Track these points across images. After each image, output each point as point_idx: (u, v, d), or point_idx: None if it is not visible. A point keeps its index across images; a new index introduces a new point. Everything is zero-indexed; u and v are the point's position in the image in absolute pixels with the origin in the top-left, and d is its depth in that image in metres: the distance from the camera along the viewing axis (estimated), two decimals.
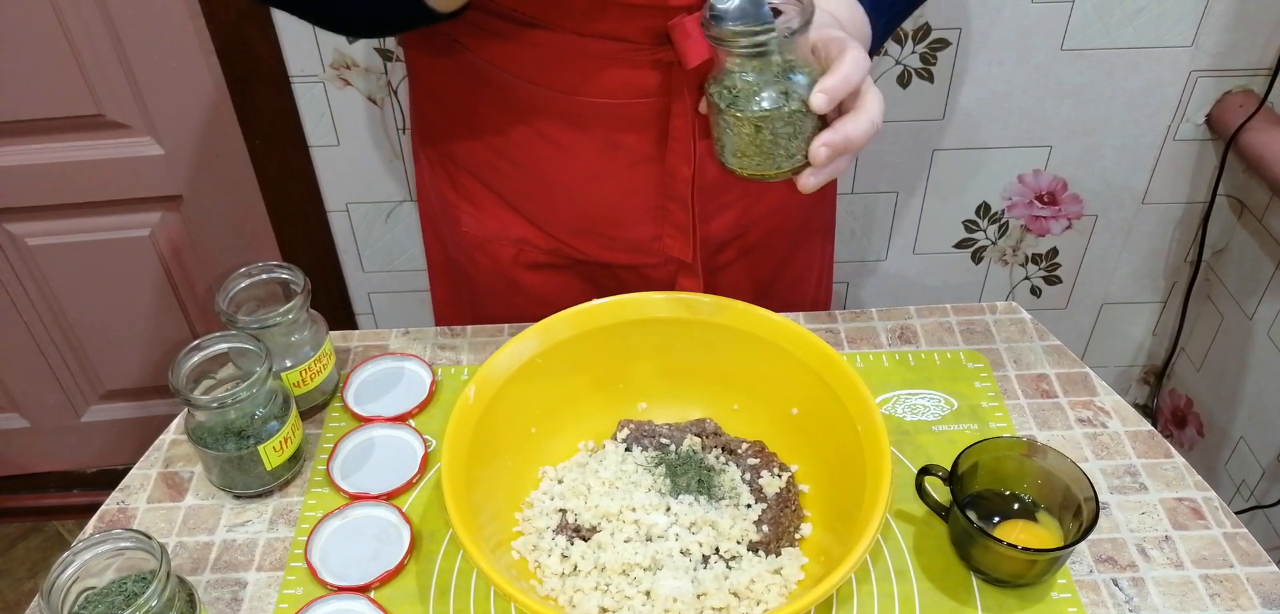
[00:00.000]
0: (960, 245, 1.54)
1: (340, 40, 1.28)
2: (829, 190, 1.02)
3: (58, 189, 1.46)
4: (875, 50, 0.78)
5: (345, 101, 1.34)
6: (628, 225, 0.86)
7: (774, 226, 0.93)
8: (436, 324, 1.02)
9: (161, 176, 1.46)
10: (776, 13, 0.64)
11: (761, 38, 0.62)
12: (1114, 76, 1.33)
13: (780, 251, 0.96)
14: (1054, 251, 1.55)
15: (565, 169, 0.83)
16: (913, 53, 1.31)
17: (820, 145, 0.64)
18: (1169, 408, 1.69)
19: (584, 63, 0.75)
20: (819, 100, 0.63)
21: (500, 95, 0.81)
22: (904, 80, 1.34)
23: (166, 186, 1.48)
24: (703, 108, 0.73)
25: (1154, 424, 1.70)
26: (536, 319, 0.76)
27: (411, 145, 0.98)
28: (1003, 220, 1.51)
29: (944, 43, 1.30)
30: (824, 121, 0.66)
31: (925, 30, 1.29)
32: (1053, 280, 1.59)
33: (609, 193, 0.84)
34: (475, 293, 0.96)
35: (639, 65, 0.75)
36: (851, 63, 0.63)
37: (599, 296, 0.77)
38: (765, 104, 0.64)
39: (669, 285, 0.88)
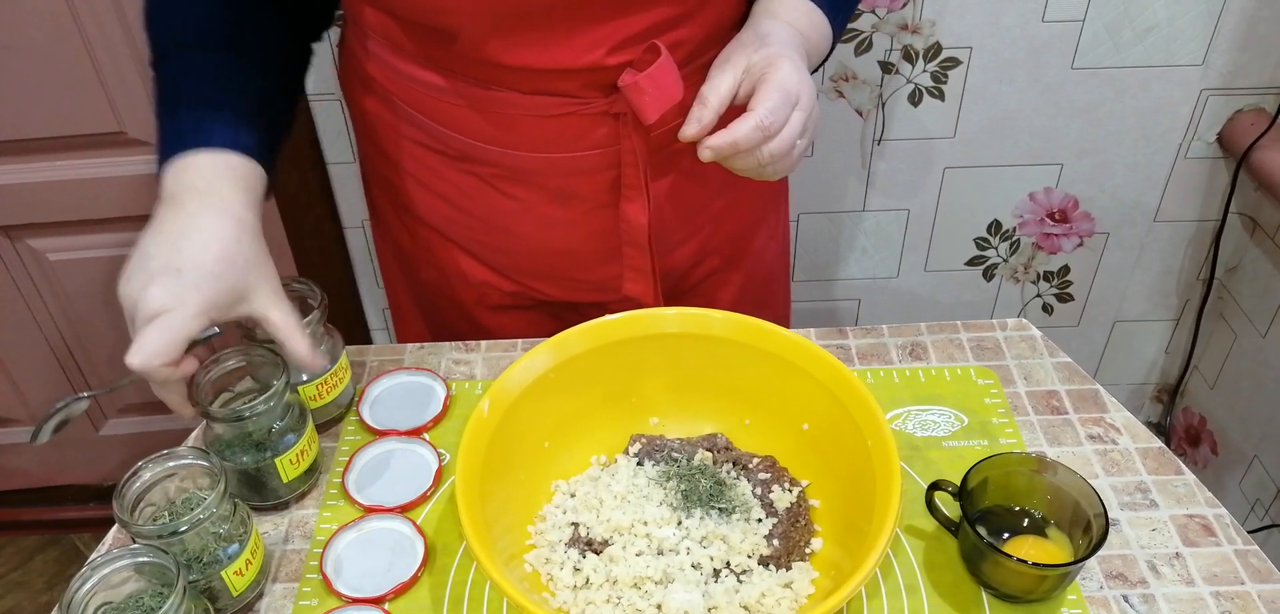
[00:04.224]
0: (972, 263, 1.55)
1: None
2: (781, 211, 1.04)
3: (79, 205, 1.48)
4: (833, 47, 0.81)
5: None
6: (587, 268, 0.87)
7: (732, 254, 0.94)
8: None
9: None
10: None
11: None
12: (1125, 95, 1.34)
13: (741, 276, 0.97)
14: (1066, 269, 1.55)
15: (521, 219, 0.84)
16: (924, 71, 1.32)
17: (706, 146, 0.70)
18: (1182, 426, 1.68)
19: (531, 120, 0.77)
20: (691, 131, 0.70)
21: (450, 149, 0.81)
22: (915, 99, 1.34)
23: None
24: None
25: (1167, 442, 1.70)
26: None
27: (366, 198, 0.99)
28: (1014, 238, 1.51)
29: (955, 61, 1.31)
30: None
31: (936, 49, 1.30)
32: (1065, 298, 1.59)
33: (566, 239, 0.85)
34: (441, 337, 0.97)
35: (587, 118, 0.76)
36: (744, 125, 0.69)
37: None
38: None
39: None
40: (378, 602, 0.69)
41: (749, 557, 0.69)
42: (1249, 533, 0.75)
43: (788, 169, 0.73)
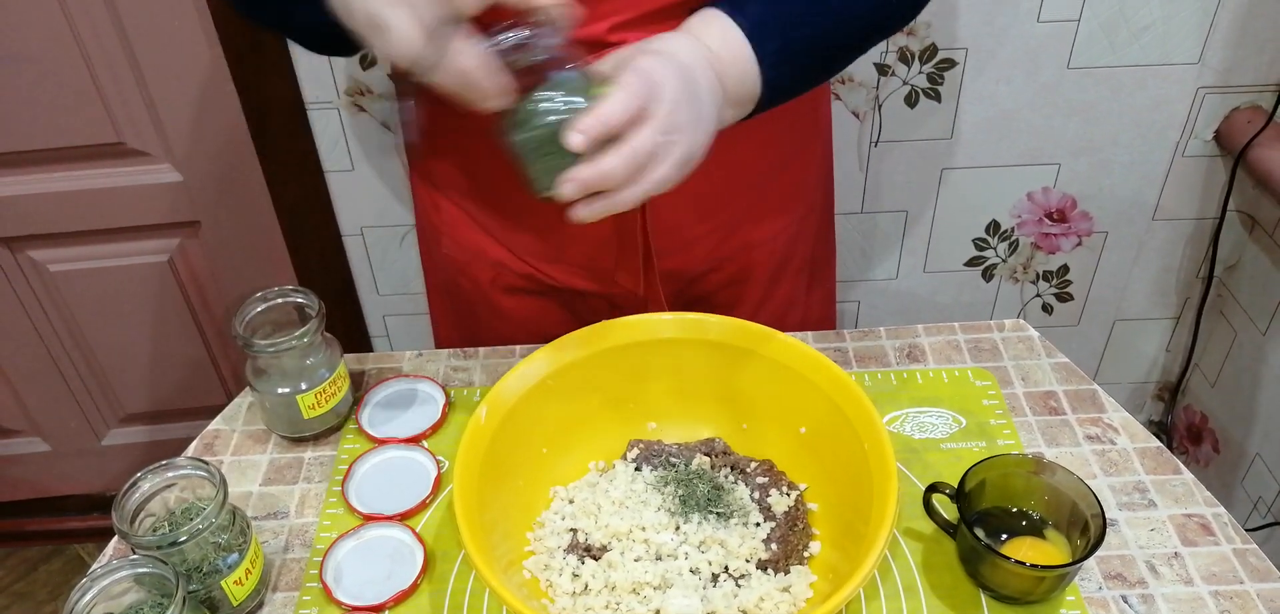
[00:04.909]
0: (971, 263, 1.55)
1: (355, 67, 1.31)
2: (813, 219, 1.00)
3: (79, 216, 1.48)
4: (778, 82, 0.71)
5: (360, 127, 1.36)
6: (589, 254, 0.87)
7: (749, 262, 0.93)
8: (436, 346, 1.03)
9: (180, 203, 1.49)
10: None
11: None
12: (1121, 94, 1.34)
13: (759, 287, 0.96)
14: (1065, 269, 1.55)
15: (526, 193, 0.84)
16: (920, 73, 1.32)
17: (567, 179, 0.61)
18: (1184, 424, 1.68)
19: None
20: (573, 140, 0.60)
21: (464, 118, 0.82)
22: (911, 100, 1.35)
23: (185, 213, 1.50)
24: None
25: (1169, 441, 1.70)
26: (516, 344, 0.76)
27: (409, 179, 1.00)
28: (1013, 238, 1.51)
29: (950, 63, 1.31)
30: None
31: (932, 51, 1.30)
32: (1064, 297, 1.59)
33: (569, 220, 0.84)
34: (460, 315, 0.98)
35: None
36: (612, 102, 0.60)
37: (574, 324, 0.77)
38: (516, 135, 0.64)
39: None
40: (377, 610, 0.70)
41: (747, 561, 0.70)
42: (1252, 531, 0.75)
43: (640, 195, 0.63)
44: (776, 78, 0.72)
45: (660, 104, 0.62)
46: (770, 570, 0.69)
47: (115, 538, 0.77)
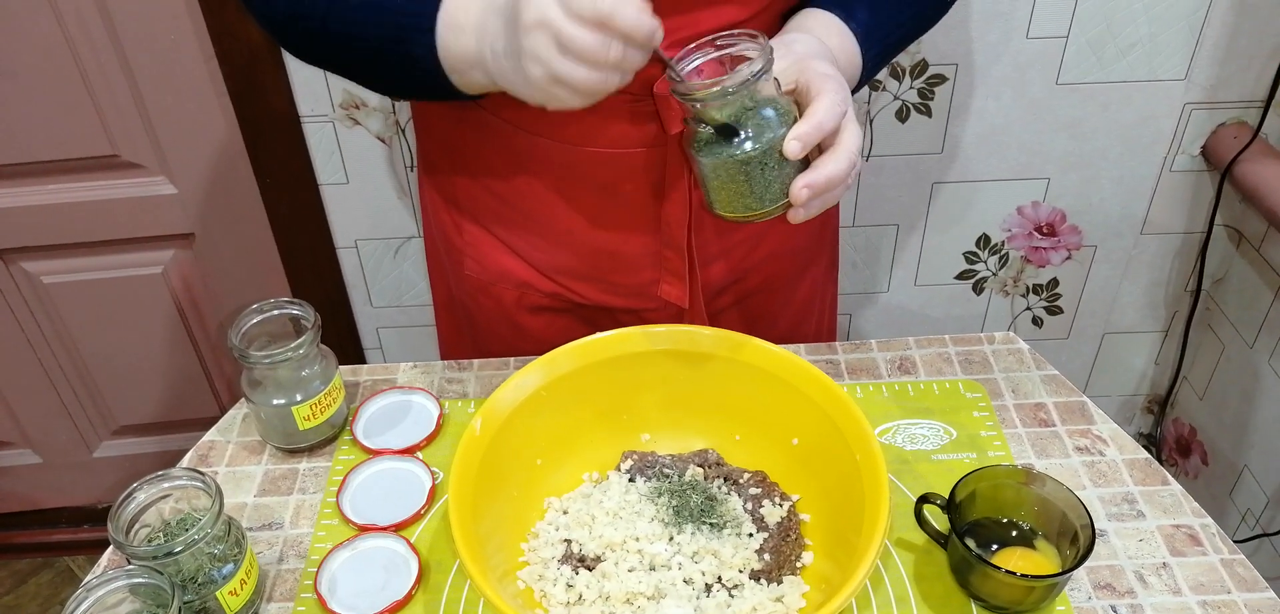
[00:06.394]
0: (961, 277, 1.56)
1: (349, 82, 1.31)
2: (829, 231, 1.03)
3: (72, 228, 1.48)
4: (866, 80, 0.78)
5: (354, 141, 1.37)
6: (627, 270, 0.87)
7: (773, 272, 0.94)
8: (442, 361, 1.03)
9: (174, 215, 1.49)
10: (737, 61, 0.65)
11: (727, 90, 0.63)
12: (1109, 110, 1.35)
13: (780, 295, 0.97)
14: (1055, 282, 1.56)
15: (566, 215, 0.84)
16: (910, 88, 1.33)
17: (801, 187, 0.65)
18: (1173, 437, 1.69)
19: (582, 113, 0.77)
20: (792, 147, 0.64)
21: (502, 142, 0.83)
22: (902, 115, 1.36)
23: (179, 225, 1.50)
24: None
25: (1158, 453, 1.71)
26: None
27: (418, 186, 1.00)
28: (1003, 252, 1.52)
29: (941, 78, 1.32)
30: (806, 158, 0.67)
31: (922, 66, 1.31)
32: (1054, 311, 1.61)
33: (609, 239, 0.85)
34: (478, 333, 0.98)
35: (636, 115, 0.77)
36: (825, 108, 0.64)
37: None
38: (741, 149, 0.65)
39: None
40: None
41: (740, 571, 0.70)
42: (1240, 542, 0.76)
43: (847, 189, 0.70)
44: (865, 79, 0.76)
45: (849, 102, 0.66)
46: (763, 581, 0.70)
47: (110, 549, 0.77)
